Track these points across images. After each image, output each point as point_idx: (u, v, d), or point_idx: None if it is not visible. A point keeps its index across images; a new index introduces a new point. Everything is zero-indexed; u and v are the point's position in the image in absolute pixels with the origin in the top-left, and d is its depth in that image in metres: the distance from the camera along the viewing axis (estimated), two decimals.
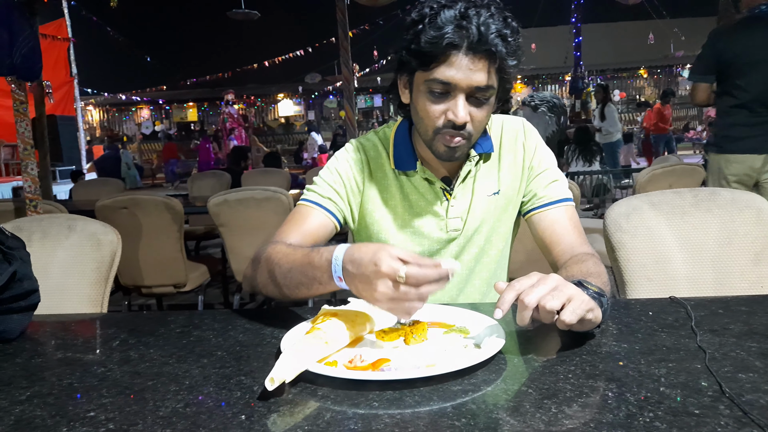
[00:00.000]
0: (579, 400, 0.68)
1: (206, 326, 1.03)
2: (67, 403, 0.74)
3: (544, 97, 4.15)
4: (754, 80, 2.70)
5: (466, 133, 1.05)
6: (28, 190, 3.17)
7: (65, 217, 1.61)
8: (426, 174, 1.18)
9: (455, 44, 0.98)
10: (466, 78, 1.00)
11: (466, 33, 0.98)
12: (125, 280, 3.09)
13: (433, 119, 1.06)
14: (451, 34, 0.98)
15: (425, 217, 1.20)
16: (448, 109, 1.03)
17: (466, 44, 0.99)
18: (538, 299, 0.77)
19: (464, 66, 1.00)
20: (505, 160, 1.21)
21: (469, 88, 1.01)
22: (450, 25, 0.98)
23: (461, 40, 0.98)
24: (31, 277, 1.08)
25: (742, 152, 2.76)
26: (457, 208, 1.19)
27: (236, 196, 2.90)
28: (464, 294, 1.24)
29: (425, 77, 1.03)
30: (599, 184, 6.07)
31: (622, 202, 1.46)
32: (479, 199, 1.19)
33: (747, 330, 0.89)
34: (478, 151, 1.18)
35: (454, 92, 1.02)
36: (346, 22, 5.64)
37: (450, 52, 0.99)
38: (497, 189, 1.21)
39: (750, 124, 2.74)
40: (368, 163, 1.23)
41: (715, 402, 0.66)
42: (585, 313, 0.78)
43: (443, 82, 1.01)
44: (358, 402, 0.70)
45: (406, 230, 1.20)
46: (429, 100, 1.05)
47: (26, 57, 3.05)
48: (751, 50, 2.69)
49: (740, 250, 1.38)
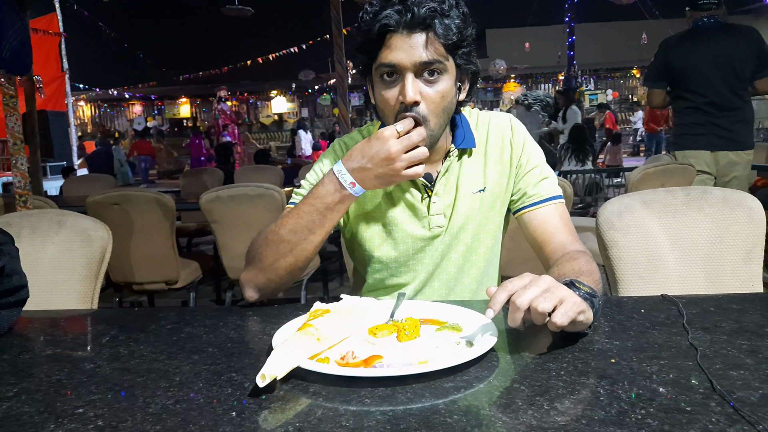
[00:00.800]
0: (571, 397, 0.68)
1: (197, 323, 1.03)
2: (56, 400, 0.74)
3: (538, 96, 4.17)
4: (701, 84, 3.07)
5: (420, 116, 1.04)
6: (17, 185, 3.14)
7: (55, 212, 1.60)
8: None
9: (389, 24, 1.01)
10: (407, 56, 1.02)
11: (399, 13, 1.01)
12: (116, 277, 3.07)
13: (390, 107, 1.06)
14: (385, 17, 1.01)
15: (407, 214, 1.19)
16: (400, 92, 1.04)
17: (401, 24, 1.01)
18: (530, 301, 0.77)
19: (403, 45, 1.02)
20: (491, 157, 1.21)
21: (414, 66, 1.02)
22: (385, 10, 1.01)
23: (395, 20, 1.01)
24: (19, 273, 1.06)
25: (698, 149, 3.11)
26: (439, 205, 1.18)
27: (229, 193, 2.88)
28: (455, 292, 1.23)
29: (376, 65, 1.06)
30: (592, 183, 6.10)
31: (615, 201, 1.46)
32: (464, 196, 1.19)
33: (738, 327, 0.89)
34: (458, 146, 1.18)
35: (402, 74, 1.03)
36: (340, 19, 5.62)
37: (387, 35, 1.02)
38: (483, 186, 1.20)
39: (702, 123, 3.10)
40: None
41: (707, 399, 0.66)
42: (576, 315, 0.78)
43: (387, 64, 1.03)
44: (350, 399, 0.70)
45: (390, 227, 1.20)
46: (382, 88, 1.07)
47: (16, 51, 3.01)
48: (695, 57, 3.07)
49: (731, 249, 1.38)
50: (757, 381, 0.71)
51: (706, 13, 3.10)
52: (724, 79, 3.03)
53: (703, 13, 3.11)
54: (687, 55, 3.11)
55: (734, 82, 3.04)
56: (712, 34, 3.08)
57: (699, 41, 3.09)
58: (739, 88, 3.07)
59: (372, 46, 1.05)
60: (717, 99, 3.06)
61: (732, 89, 3.05)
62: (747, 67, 3.04)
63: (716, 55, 3.03)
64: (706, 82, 3.06)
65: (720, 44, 3.04)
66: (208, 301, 4.01)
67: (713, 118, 3.07)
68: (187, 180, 5.22)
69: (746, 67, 3.04)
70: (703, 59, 3.05)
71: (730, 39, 3.04)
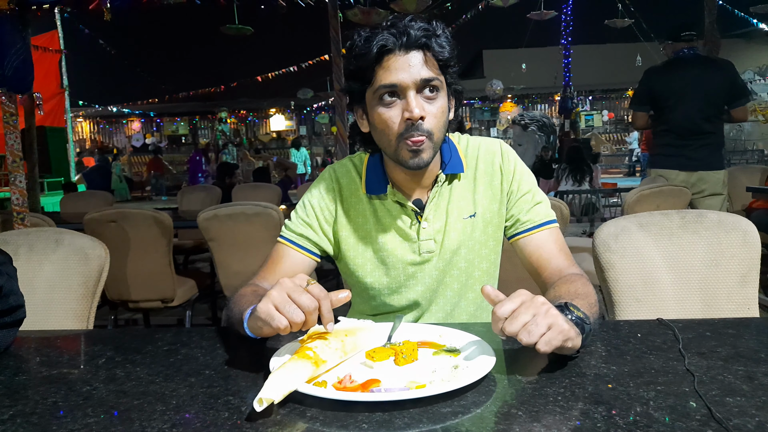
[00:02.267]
0: (568, 423, 0.68)
1: (194, 344, 1.02)
2: (51, 423, 0.73)
3: (534, 117, 4.21)
4: (675, 110, 3.39)
5: (426, 132, 1.06)
6: (15, 202, 3.14)
7: (52, 230, 1.60)
8: (397, 197, 1.18)
9: (386, 46, 1.03)
10: (408, 75, 1.04)
11: (395, 35, 1.03)
12: (112, 295, 3.05)
13: (392, 126, 1.07)
14: (382, 39, 1.03)
15: (397, 240, 1.20)
16: (404, 110, 1.05)
17: (398, 44, 1.03)
18: (519, 329, 0.79)
19: (402, 64, 1.04)
20: (480, 183, 1.21)
21: (415, 84, 1.04)
22: (379, 35, 1.04)
23: (393, 42, 1.03)
24: (17, 293, 1.06)
25: (669, 168, 3.44)
26: (429, 230, 1.19)
27: (226, 211, 2.89)
28: (454, 316, 1.24)
29: (372, 91, 1.07)
30: (588, 203, 6.12)
31: (611, 223, 1.47)
32: (454, 222, 1.19)
33: (734, 353, 0.89)
34: (446, 172, 1.18)
35: (403, 92, 1.05)
36: (339, 39, 5.69)
37: (384, 57, 1.04)
38: (473, 212, 1.20)
39: (676, 145, 3.42)
40: (340, 192, 1.23)
41: (704, 426, 0.66)
42: (561, 344, 0.80)
43: (389, 85, 1.05)
44: (347, 424, 0.70)
45: (380, 253, 1.20)
46: (383, 110, 1.07)
47: (18, 69, 3.04)
48: (673, 85, 3.40)
49: (727, 272, 1.39)
50: (754, 408, 0.71)
51: (686, 44, 3.42)
52: (697, 106, 3.34)
53: (684, 44, 3.43)
54: (667, 82, 3.43)
55: (706, 109, 3.34)
56: (691, 64, 3.39)
57: (678, 71, 3.41)
58: (711, 115, 3.36)
59: (368, 70, 1.06)
60: (688, 124, 3.36)
61: (704, 116, 3.35)
62: (719, 96, 3.34)
63: (692, 84, 3.34)
64: (680, 108, 3.37)
65: (696, 75, 3.35)
66: (203, 319, 3.98)
67: (684, 141, 3.39)
68: (185, 197, 5.22)
69: (719, 97, 3.34)
70: (680, 88, 3.36)
71: (706, 71, 3.37)
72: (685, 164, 3.39)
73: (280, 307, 0.83)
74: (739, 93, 3.35)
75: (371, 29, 1.06)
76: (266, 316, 0.83)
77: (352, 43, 1.08)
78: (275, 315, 0.83)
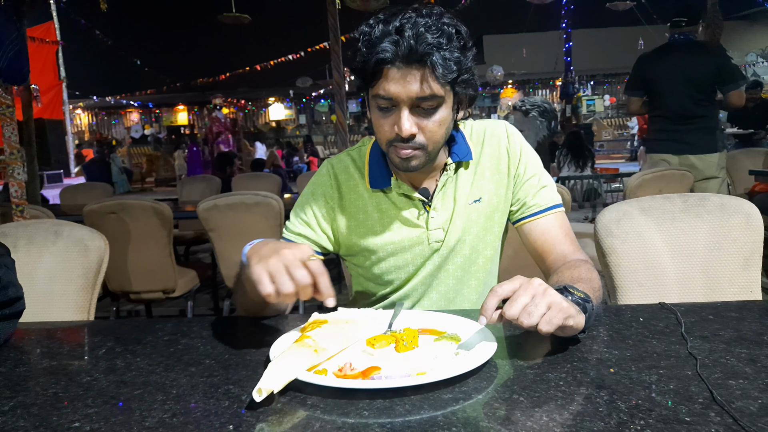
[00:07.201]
0: (570, 408, 0.68)
1: (194, 334, 1.02)
2: (52, 414, 0.73)
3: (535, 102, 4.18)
4: (666, 95, 3.46)
5: (417, 145, 1.04)
6: (14, 195, 3.13)
7: (51, 222, 1.59)
8: (402, 189, 1.16)
9: (386, 59, 0.98)
10: (404, 90, 0.99)
11: (396, 47, 0.97)
12: (113, 286, 3.06)
13: (383, 133, 1.06)
14: (382, 50, 0.97)
15: (406, 232, 1.18)
16: (395, 123, 1.03)
17: (398, 58, 0.98)
18: (519, 311, 0.78)
19: (400, 79, 0.99)
20: (487, 167, 1.19)
21: (410, 100, 1.00)
22: (382, 41, 0.98)
23: (392, 54, 0.97)
24: (15, 285, 1.06)
25: (663, 152, 3.50)
26: (437, 219, 1.17)
27: (226, 201, 2.88)
28: (455, 303, 1.23)
29: (372, 93, 1.04)
30: (590, 188, 6.10)
31: (613, 208, 1.46)
32: (461, 208, 1.18)
33: (736, 336, 0.89)
34: (454, 160, 1.16)
35: (398, 105, 1.02)
36: (337, 27, 5.64)
37: (384, 67, 0.99)
38: (479, 197, 1.18)
39: (668, 129, 3.48)
40: (339, 188, 1.22)
41: (706, 409, 0.66)
42: (563, 322, 0.79)
43: (384, 96, 1.01)
44: (348, 411, 0.69)
45: (388, 247, 1.19)
46: (378, 115, 1.05)
47: (13, 60, 3.02)
48: (663, 71, 3.45)
49: (730, 255, 1.38)
50: (756, 390, 0.70)
51: (679, 30, 3.46)
52: (686, 91, 3.39)
53: (677, 29, 3.47)
54: (657, 68, 3.49)
55: (695, 94, 3.39)
56: (681, 50, 3.43)
57: (669, 56, 3.47)
58: (701, 100, 3.40)
59: (369, 76, 1.02)
60: (679, 109, 3.42)
61: (694, 101, 3.39)
62: (708, 80, 3.37)
63: (681, 69, 3.38)
64: (670, 93, 3.44)
65: (685, 60, 3.39)
66: (205, 309, 3.99)
67: (675, 125, 3.46)
68: (184, 188, 5.21)
69: (707, 81, 3.37)
70: (670, 73, 3.42)
71: (694, 55, 3.40)
72: (678, 148, 3.45)
73: (273, 275, 0.84)
74: (728, 77, 3.36)
75: (381, 22, 0.99)
76: (256, 279, 0.84)
77: (358, 35, 1.03)
78: (265, 282, 0.83)
